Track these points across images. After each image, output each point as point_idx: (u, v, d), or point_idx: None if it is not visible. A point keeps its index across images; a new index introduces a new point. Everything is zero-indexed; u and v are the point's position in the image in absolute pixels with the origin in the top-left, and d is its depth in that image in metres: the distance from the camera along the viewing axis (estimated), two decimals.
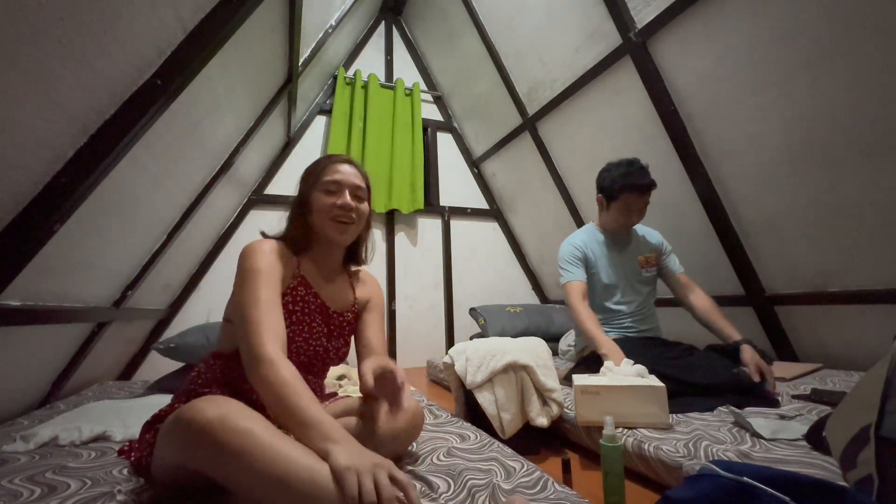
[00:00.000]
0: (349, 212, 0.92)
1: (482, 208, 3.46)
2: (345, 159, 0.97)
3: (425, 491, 0.76)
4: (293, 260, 0.93)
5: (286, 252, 0.91)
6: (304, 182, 0.96)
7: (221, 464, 0.59)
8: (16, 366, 1.29)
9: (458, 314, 3.15)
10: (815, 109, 1.45)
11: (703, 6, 1.59)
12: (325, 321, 0.96)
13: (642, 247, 1.73)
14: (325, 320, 0.96)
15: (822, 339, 1.78)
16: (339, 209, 0.91)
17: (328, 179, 0.93)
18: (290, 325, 0.88)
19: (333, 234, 0.93)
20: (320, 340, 0.94)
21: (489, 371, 1.24)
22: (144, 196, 1.42)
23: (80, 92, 0.91)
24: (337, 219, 0.92)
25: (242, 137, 2.03)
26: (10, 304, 1.07)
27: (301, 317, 0.91)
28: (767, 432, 0.96)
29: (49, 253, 1.06)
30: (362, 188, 0.96)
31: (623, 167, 1.59)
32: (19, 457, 0.96)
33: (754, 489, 0.52)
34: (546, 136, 2.65)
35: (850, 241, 1.54)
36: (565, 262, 1.65)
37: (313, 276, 0.96)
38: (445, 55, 3.29)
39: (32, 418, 1.31)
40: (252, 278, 0.82)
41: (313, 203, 0.93)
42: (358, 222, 0.95)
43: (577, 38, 2.12)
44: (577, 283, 1.60)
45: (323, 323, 0.96)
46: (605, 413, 0.95)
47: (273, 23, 1.63)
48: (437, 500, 0.73)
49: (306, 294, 0.92)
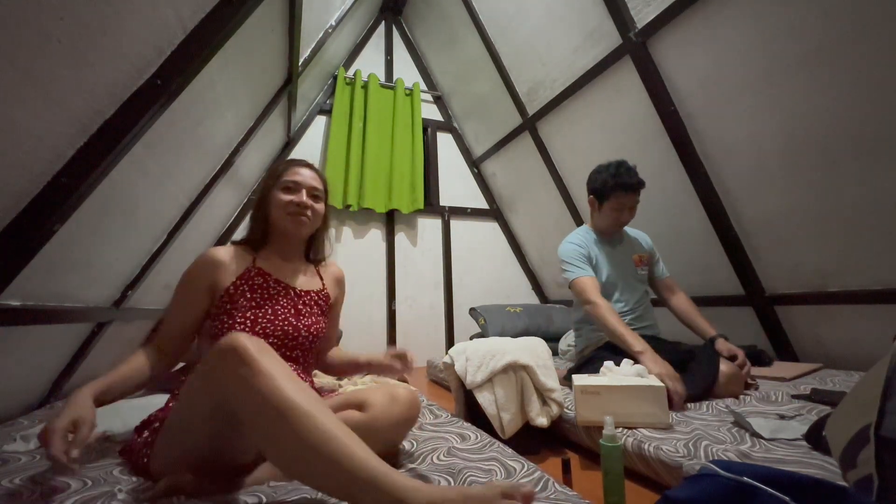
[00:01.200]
0: (305, 209, 1.01)
1: (482, 208, 3.46)
2: (304, 163, 1.07)
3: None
4: (247, 258, 1.00)
5: (238, 253, 1.00)
6: (264, 181, 1.05)
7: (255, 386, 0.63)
8: (16, 366, 1.29)
9: (458, 314, 3.15)
10: (815, 109, 1.45)
11: (703, 6, 1.59)
12: (291, 302, 1.00)
13: (635, 246, 1.75)
14: (292, 301, 1.00)
15: (822, 339, 1.78)
16: (295, 206, 1.00)
17: (287, 179, 1.02)
18: (253, 308, 0.94)
19: (290, 228, 1.01)
20: (288, 320, 0.97)
21: (489, 371, 1.24)
22: (144, 196, 1.42)
23: (80, 92, 0.91)
24: (293, 214, 1.00)
25: (242, 137, 2.03)
26: (10, 304, 1.07)
27: (261, 301, 0.96)
28: (767, 432, 0.96)
29: (49, 253, 1.06)
30: (319, 189, 1.05)
31: (612, 168, 1.62)
32: (19, 457, 0.96)
33: (754, 489, 0.52)
34: (546, 136, 2.65)
35: (849, 241, 1.54)
36: (572, 259, 1.64)
37: (272, 265, 1.02)
38: (445, 55, 3.29)
39: (32, 418, 1.31)
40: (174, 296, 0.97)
41: (272, 200, 1.01)
42: (314, 219, 1.04)
43: (576, 37, 2.12)
44: (589, 278, 1.59)
45: (289, 304, 1.00)
46: (605, 413, 0.95)
47: (273, 23, 1.63)
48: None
49: (265, 281, 0.98)
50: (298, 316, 1.00)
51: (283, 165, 1.05)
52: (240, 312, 0.93)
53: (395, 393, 0.89)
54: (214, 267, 0.96)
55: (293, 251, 1.08)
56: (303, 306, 1.02)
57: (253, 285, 0.96)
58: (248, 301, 0.94)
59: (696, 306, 1.67)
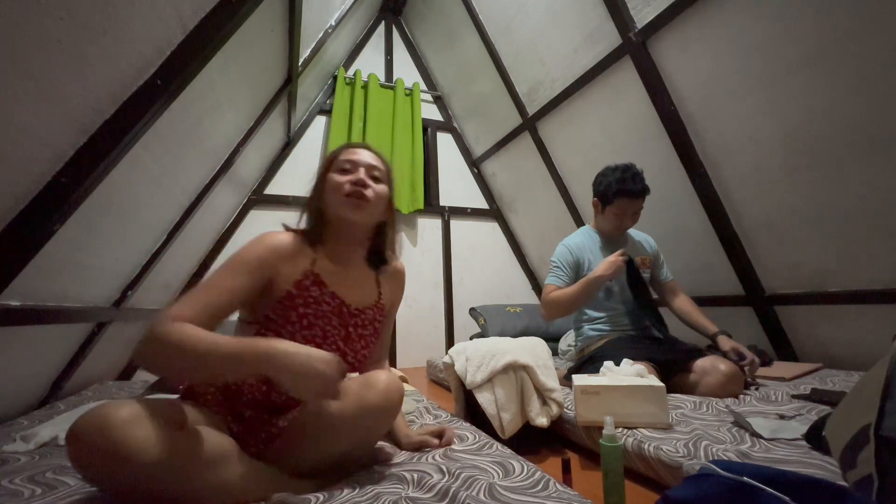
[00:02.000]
0: (363, 188, 0.88)
1: (482, 208, 3.46)
2: (363, 145, 0.96)
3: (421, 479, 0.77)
4: (308, 255, 0.88)
5: (300, 246, 0.88)
6: (321, 168, 0.94)
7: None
8: (16, 366, 1.29)
9: (458, 314, 3.15)
10: (815, 109, 1.45)
11: (703, 6, 1.59)
12: (342, 322, 0.90)
13: (638, 249, 1.75)
14: (343, 321, 0.90)
15: (822, 339, 1.78)
16: (351, 185, 0.87)
17: (343, 159, 0.91)
18: (302, 329, 0.84)
19: (346, 213, 0.88)
20: (336, 344, 0.88)
21: (489, 371, 1.24)
22: (144, 196, 1.42)
23: (80, 92, 0.91)
24: (350, 195, 0.87)
25: (242, 137, 2.03)
26: (10, 304, 1.07)
27: (314, 320, 0.86)
28: (767, 432, 0.96)
29: (49, 253, 1.06)
30: (379, 169, 0.93)
31: (619, 173, 1.62)
32: (19, 457, 0.96)
33: (754, 489, 0.52)
34: (546, 136, 2.65)
35: (849, 241, 1.54)
36: (556, 263, 1.69)
37: (330, 272, 0.90)
38: (445, 55, 3.29)
39: (32, 418, 1.30)
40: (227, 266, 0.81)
41: (328, 183, 0.90)
42: (375, 203, 0.90)
43: (576, 38, 2.12)
44: (552, 286, 1.65)
45: (340, 325, 0.89)
46: (605, 413, 0.95)
47: (273, 23, 1.63)
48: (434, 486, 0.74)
49: (321, 294, 0.87)
50: (348, 340, 0.90)
51: (341, 147, 0.95)
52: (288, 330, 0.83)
53: (370, 378, 0.80)
54: (282, 258, 0.85)
55: (352, 253, 0.95)
56: (353, 329, 0.91)
57: (308, 298, 0.85)
58: (300, 317, 0.84)
59: (698, 307, 1.67)
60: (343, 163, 0.91)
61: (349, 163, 0.91)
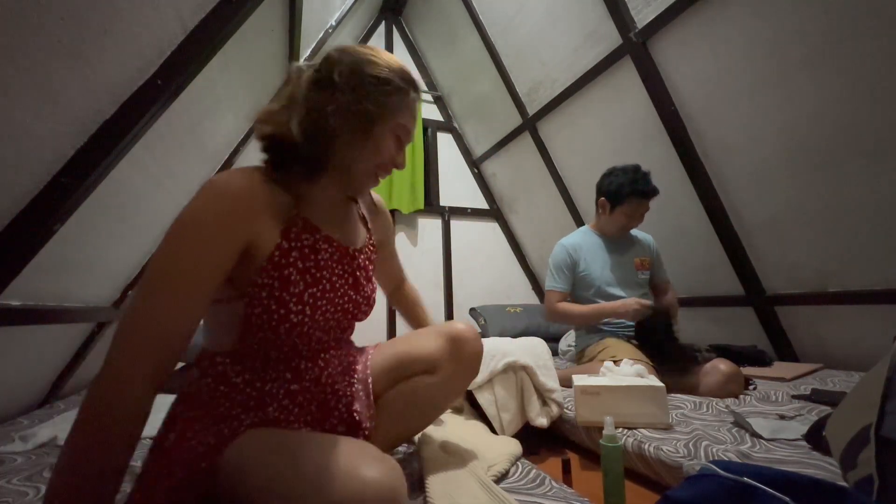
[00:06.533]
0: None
1: (482, 208, 3.46)
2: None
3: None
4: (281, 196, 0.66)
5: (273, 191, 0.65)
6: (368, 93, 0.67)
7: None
8: (16, 366, 1.29)
9: (458, 314, 3.15)
10: (815, 109, 1.45)
11: (703, 6, 1.59)
12: (345, 269, 0.74)
13: (639, 250, 1.75)
14: (345, 267, 0.74)
15: (822, 339, 1.78)
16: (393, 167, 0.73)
17: (404, 123, 0.71)
18: (307, 286, 0.67)
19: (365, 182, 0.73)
20: (347, 294, 0.74)
21: (489, 371, 1.24)
22: (144, 196, 1.42)
23: (81, 92, 0.91)
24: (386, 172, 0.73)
25: (242, 137, 2.03)
26: (10, 304, 1.07)
27: (316, 273, 0.69)
28: (767, 432, 0.96)
29: (49, 253, 1.06)
30: None
31: (630, 174, 1.63)
32: (16, 457, 0.96)
33: (754, 489, 0.52)
34: (546, 136, 2.65)
35: (850, 241, 1.54)
36: (554, 267, 1.71)
37: (317, 212, 0.71)
38: (445, 55, 3.28)
39: (32, 418, 1.30)
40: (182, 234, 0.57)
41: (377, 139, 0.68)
42: None
43: (577, 38, 2.12)
44: (557, 292, 1.67)
45: (346, 272, 0.74)
46: (605, 413, 0.95)
47: (273, 23, 1.63)
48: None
49: (315, 241, 0.69)
50: (357, 286, 0.76)
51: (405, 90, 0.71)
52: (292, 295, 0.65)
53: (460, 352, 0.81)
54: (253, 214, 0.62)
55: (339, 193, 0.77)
56: (359, 271, 0.77)
57: (303, 248, 0.68)
58: (301, 272, 0.67)
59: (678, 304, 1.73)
60: (401, 129, 0.71)
61: (407, 133, 0.72)
